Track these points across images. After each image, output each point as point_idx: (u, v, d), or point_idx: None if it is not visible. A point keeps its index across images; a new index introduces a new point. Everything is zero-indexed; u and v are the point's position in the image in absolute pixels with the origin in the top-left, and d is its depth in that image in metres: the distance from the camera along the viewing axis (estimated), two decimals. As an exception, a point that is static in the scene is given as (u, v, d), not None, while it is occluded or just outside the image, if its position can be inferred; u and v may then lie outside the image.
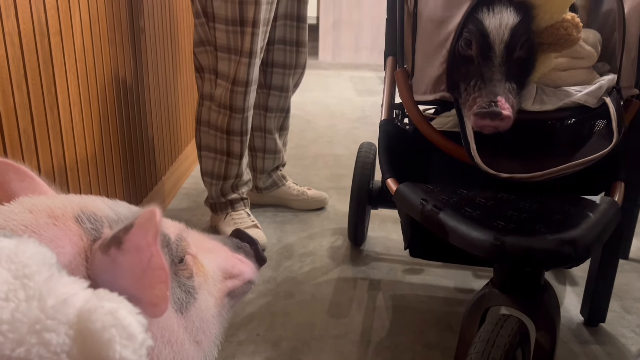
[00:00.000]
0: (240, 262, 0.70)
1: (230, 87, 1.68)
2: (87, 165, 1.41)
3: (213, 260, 0.65)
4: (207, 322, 0.60)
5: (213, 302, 0.63)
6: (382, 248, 1.83)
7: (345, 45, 5.10)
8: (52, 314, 0.38)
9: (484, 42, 1.02)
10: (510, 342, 0.86)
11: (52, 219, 0.49)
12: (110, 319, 0.38)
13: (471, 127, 1.05)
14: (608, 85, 1.04)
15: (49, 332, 0.37)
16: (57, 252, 0.47)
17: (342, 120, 3.27)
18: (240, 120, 1.74)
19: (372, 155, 1.78)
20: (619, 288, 1.59)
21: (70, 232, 0.49)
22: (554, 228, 0.90)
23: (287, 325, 1.42)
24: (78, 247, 0.49)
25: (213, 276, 0.64)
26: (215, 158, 1.81)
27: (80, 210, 0.51)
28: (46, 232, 0.48)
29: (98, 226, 0.51)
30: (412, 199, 1.04)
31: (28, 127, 1.14)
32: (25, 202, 0.50)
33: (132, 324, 0.38)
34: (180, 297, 0.57)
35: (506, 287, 0.98)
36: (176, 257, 0.58)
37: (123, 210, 0.55)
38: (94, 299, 0.39)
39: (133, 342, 0.38)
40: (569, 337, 1.40)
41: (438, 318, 1.47)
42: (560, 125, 1.09)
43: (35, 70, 1.15)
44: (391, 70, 1.33)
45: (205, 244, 0.67)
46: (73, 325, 0.38)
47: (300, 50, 1.90)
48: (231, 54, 1.65)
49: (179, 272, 0.58)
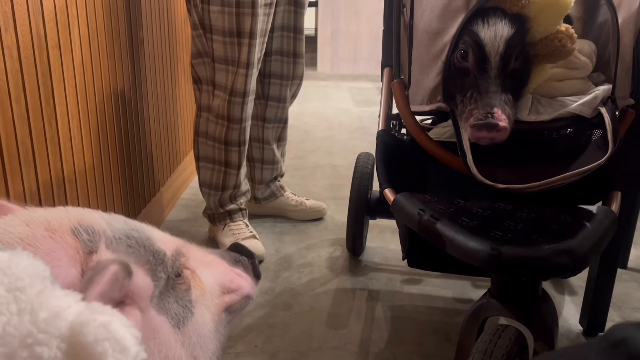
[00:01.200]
0: (238, 277, 0.70)
1: (227, 97, 1.69)
2: (85, 177, 1.41)
3: (211, 274, 0.65)
4: (204, 337, 0.60)
5: (210, 317, 0.62)
6: (381, 258, 1.83)
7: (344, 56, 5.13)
8: (44, 328, 0.37)
9: (480, 53, 1.03)
10: (508, 353, 0.86)
11: (49, 231, 0.49)
12: (102, 332, 0.37)
13: (467, 138, 1.06)
14: (603, 95, 1.05)
15: (40, 345, 0.37)
16: (53, 265, 0.47)
17: (340, 131, 3.28)
18: (238, 131, 1.74)
19: (370, 165, 1.78)
20: (618, 298, 1.58)
21: (67, 245, 0.49)
22: (551, 238, 0.90)
23: (285, 337, 1.42)
24: (74, 260, 0.49)
25: (211, 291, 0.64)
26: (214, 169, 1.81)
27: (78, 222, 0.51)
28: (42, 244, 0.48)
29: (95, 239, 0.51)
30: (409, 209, 1.04)
31: (26, 139, 1.14)
32: (22, 215, 0.50)
33: (125, 337, 0.38)
34: (178, 312, 0.57)
35: (504, 297, 0.98)
36: (173, 272, 0.58)
37: (119, 225, 0.55)
38: (86, 312, 0.39)
39: (126, 355, 0.38)
40: (568, 347, 1.39)
41: (436, 328, 1.47)
42: (556, 135, 1.09)
43: (33, 83, 1.16)
44: (388, 81, 1.33)
45: (204, 258, 0.67)
46: (65, 338, 0.37)
47: (297, 61, 1.91)
48: (228, 64, 1.66)
49: (176, 286, 0.58)
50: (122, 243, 0.53)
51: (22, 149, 1.13)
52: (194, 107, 2.56)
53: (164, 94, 2.08)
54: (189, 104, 2.44)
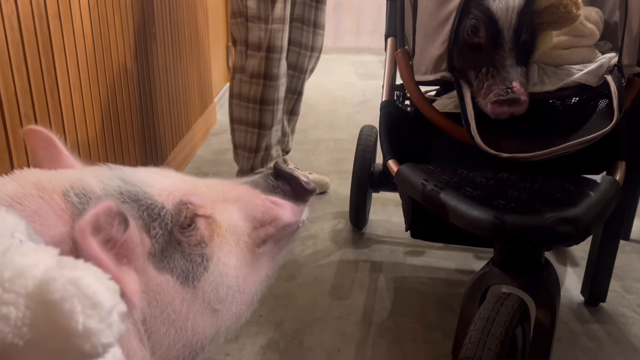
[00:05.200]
0: (273, 207, 0.63)
1: (264, 54, 1.72)
2: (88, 149, 1.41)
3: (237, 212, 0.60)
4: (227, 288, 0.57)
5: (237, 261, 0.58)
6: (384, 231, 1.84)
7: (347, 29, 5.07)
8: (9, 287, 0.36)
9: (493, 28, 1.02)
10: (510, 320, 0.86)
11: (39, 190, 0.49)
12: (70, 288, 0.36)
13: (472, 107, 1.05)
14: (609, 64, 1.04)
15: (7, 305, 0.36)
16: (40, 224, 0.47)
17: (344, 105, 3.26)
18: (274, 88, 1.77)
19: (373, 138, 1.77)
20: (620, 269, 1.59)
21: (56, 205, 0.48)
22: (554, 207, 0.90)
23: (289, 307, 1.43)
24: (63, 221, 0.48)
25: (237, 232, 0.59)
26: (247, 131, 1.85)
27: (70, 185, 0.51)
28: (31, 203, 0.47)
29: (84, 201, 0.50)
30: (413, 180, 1.04)
31: (29, 111, 1.14)
32: (17, 175, 0.50)
33: (97, 291, 0.36)
34: (185, 268, 0.54)
35: (506, 265, 0.98)
36: (177, 225, 0.55)
37: (112, 182, 0.54)
38: (54, 268, 0.37)
39: (98, 311, 0.36)
40: (569, 317, 1.41)
41: (439, 299, 1.48)
42: (561, 104, 1.08)
43: (35, 54, 1.15)
44: (392, 51, 1.32)
45: (230, 194, 0.62)
46: (33, 297, 0.36)
47: (318, 31, 1.92)
48: (261, 22, 1.69)
49: (183, 240, 0.55)
50: (113, 199, 0.51)
51: (25, 121, 1.12)
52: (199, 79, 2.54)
53: (167, 66, 2.06)
54: (191, 77, 2.42)
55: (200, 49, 2.61)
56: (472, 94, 1.05)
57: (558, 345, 1.27)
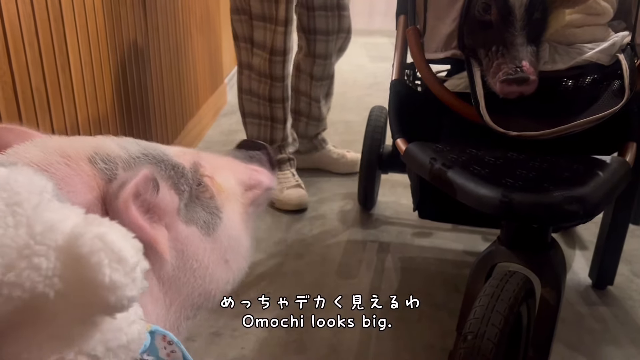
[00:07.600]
0: (256, 172, 0.71)
1: (268, 57, 1.72)
2: (99, 125, 1.42)
3: (230, 176, 0.66)
4: (235, 239, 0.62)
5: (238, 217, 0.64)
6: (392, 212, 1.84)
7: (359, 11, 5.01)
8: (40, 240, 0.38)
9: (504, 6, 1.01)
10: (515, 297, 0.86)
11: (64, 158, 0.49)
12: (98, 243, 0.38)
13: (481, 86, 1.04)
14: (622, 42, 1.02)
15: (38, 257, 0.37)
16: (67, 191, 0.47)
17: (354, 87, 3.24)
18: (280, 89, 1.78)
19: (383, 119, 1.77)
20: (629, 253, 1.58)
21: (83, 172, 0.49)
22: (562, 185, 0.90)
23: (296, 285, 1.45)
24: (90, 187, 0.49)
25: (234, 192, 0.65)
26: (260, 124, 1.86)
27: (94, 151, 0.51)
28: (57, 171, 0.48)
29: (112, 167, 0.51)
30: (421, 158, 1.04)
31: (40, 85, 1.15)
32: (39, 142, 0.51)
33: (123, 248, 0.38)
34: (207, 220, 0.58)
35: (513, 243, 0.98)
36: (194, 182, 0.59)
37: (133, 147, 0.55)
38: (82, 224, 0.39)
39: (123, 266, 0.38)
40: (576, 299, 1.41)
41: (446, 280, 1.49)
42: (572, 83, 1.07)
43: (46, 29, 1.16)
44: (403, 29, 1.31)
45: (218, 162, 0.67)
46: (62, 250, 0.38)
47: (342, 14, 1.89)
48: (266, 22, 1.68)
49: (200, 195, 0.59)
50: (141, 161, 0.54)
51: (37, 96, 1.14)
52: (210, 59, 2.54)
53: (176, 45, 2.06)
54: (201, 57, 2.42)
55: (212, 28, 2.60)
56: (481, 72, 1.05)
57: (563, 326, 1.27)
